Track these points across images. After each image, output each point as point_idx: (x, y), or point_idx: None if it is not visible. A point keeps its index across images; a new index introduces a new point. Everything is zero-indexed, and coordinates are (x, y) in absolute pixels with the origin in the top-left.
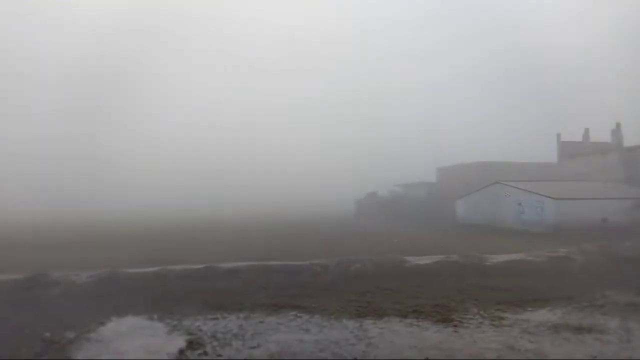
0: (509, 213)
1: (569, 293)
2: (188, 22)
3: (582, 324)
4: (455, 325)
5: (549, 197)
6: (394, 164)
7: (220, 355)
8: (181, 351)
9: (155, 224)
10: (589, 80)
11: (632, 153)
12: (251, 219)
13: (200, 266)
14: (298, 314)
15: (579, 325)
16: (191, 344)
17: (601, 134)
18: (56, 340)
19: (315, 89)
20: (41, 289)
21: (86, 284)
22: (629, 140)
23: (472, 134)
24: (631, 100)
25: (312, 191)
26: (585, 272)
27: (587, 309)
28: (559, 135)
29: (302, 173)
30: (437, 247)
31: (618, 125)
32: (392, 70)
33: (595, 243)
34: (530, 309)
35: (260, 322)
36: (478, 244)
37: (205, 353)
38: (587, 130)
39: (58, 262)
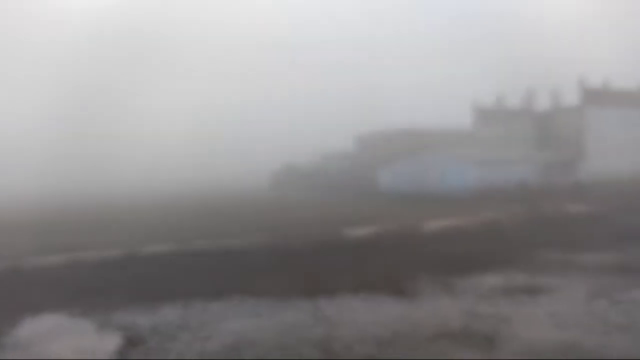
0: (433, 179)
1: (506, 255)
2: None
3: (530, 284)
4: (411, 297)
5: (470, 162)
6: (309, 134)
7: (168, 351)
8: (121, 350)
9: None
10: (501, 46)
11: (542, 118)
12: (162, 199)
13: (118, 252)
14: (243, 298)
15: (527, 287)
16: (130, 341)
17: (513, 100)
18: None
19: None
20: None
21: None
22: (539, 105)
23: (388, 101)
24: (542, 66)
25: (225, 164)
26: (516, 233)
27: (528, 269)
28: (474, 101)
29: (215, 145)
30: (370, 217)
31: (529, 90)
32: (308, 34)
33: (519, 205)
34: (476, 273)
35: (204, 310)
36: (409, 212)
37: (150, 349)
38: (500, 96)
39: None
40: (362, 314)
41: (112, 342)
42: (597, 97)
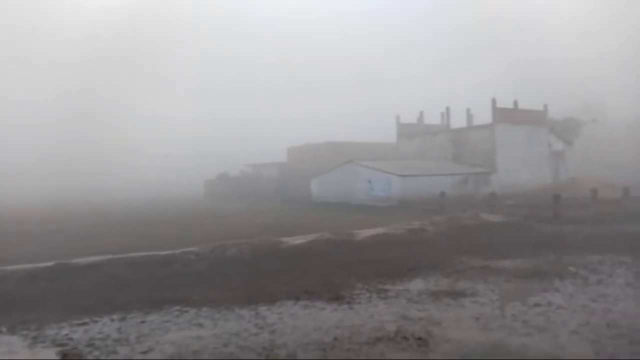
0: (360, 190)
1: (432, 261)
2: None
3: (455, 289)
4: (348, 302)
5: (395, 174)
6: (243, 145)
7: None
8: None
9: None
10: (421, 69)
11: (457, 134)
12: (96, 208)
13: (49, 263)
14: (183, 309)
15: (452, 291)
16: (66, 357)
17: (433, 117)
18: None
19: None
20: None
21: None
22: (455, 123)
23: (319, 115)
24: (458, 87)
25: (157, 175)
26: (439, 241)
27: (452, 275)
28: (397, 117)
29: (147, 157)
30: (303, 226)
31: (447, 109)
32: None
33: (440, 215)
34: (405, 279)
35: (142, 322)
36: (339, 221)
37: None
38: (421, 113)
39: None
40: (303, 321)
41: (46, 358)
42: (506, 115)
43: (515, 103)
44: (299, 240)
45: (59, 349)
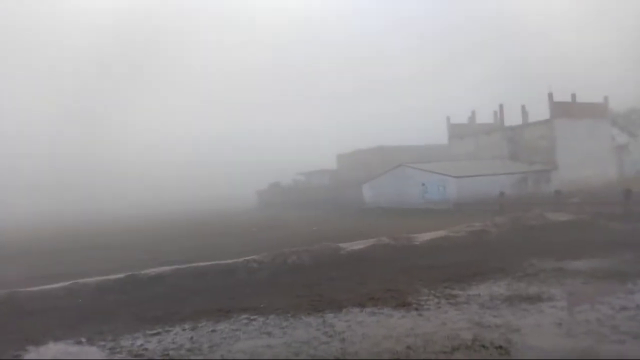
0: (414, 193)
1: (500, 264)
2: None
3: (529, 293)
4: (417, 309)
5: (450, 175)
6: (292, 155)
7: None
8: None
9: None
10: (469, 65)
11: (513, 132)
12: (153, 219)
13: (120, 275)
14: (251, 317)
15: (527, 295)
16: None
17: (485, 116)
18: None
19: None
20: None
21: None
22: (509, 121)
23: (366, 120)
24: (510, 83)
25: (209, 186)
26: (504, 243)
27: (524, 278)
28: (448, 118)
29: (198, 168)
30: (360, 231)
31: (500, 106)
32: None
33: (501, 216)
34: (474, 283)
35: (212, 331)
36: (396, 226)
37: None
38: (473, 112)
39: None
40: (372, 328)
41: None
42: (565, 109)
43: (573, 97)
44: (357, 245)
45: (136, 358)
